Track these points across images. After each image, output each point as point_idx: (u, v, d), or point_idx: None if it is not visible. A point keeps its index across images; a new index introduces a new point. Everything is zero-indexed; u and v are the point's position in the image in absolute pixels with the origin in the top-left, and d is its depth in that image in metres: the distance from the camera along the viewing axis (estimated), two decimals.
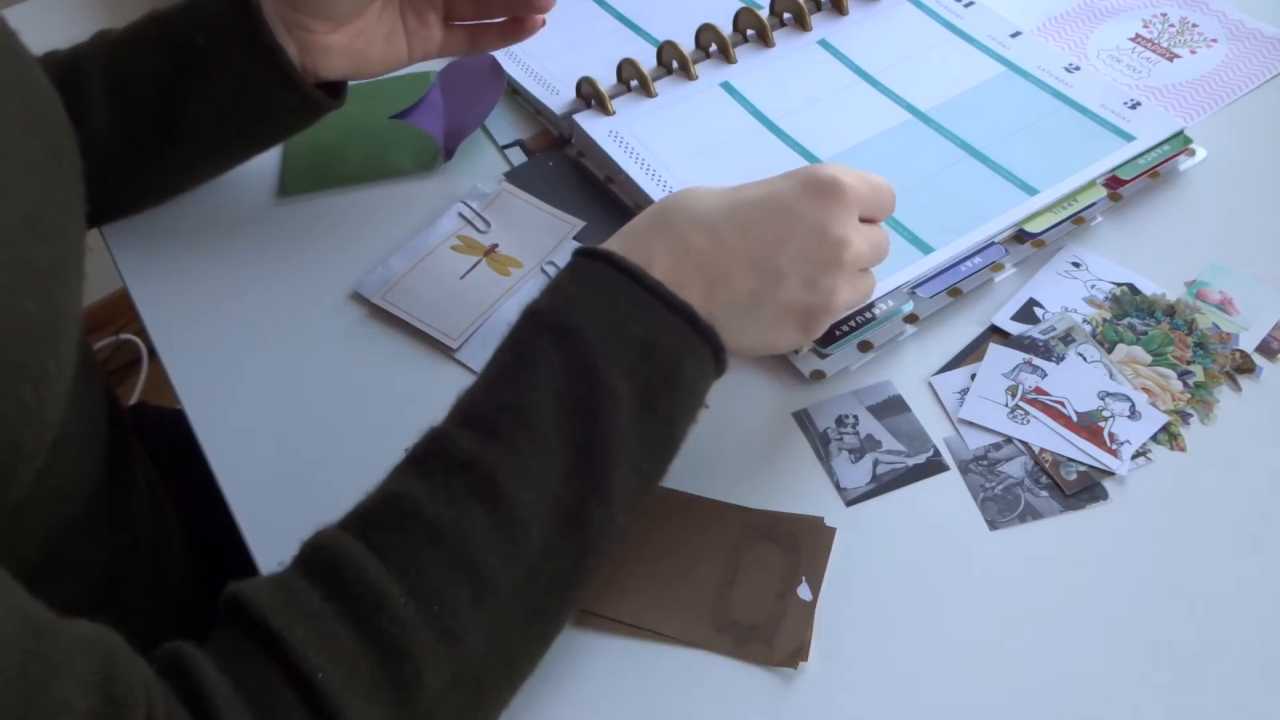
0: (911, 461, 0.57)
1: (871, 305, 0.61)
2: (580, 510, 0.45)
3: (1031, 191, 0.66)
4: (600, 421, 0.46)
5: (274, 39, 0.61)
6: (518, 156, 0.76)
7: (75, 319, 0.48)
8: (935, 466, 0.57)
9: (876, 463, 0.57)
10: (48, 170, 0.48)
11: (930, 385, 0.61)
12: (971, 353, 0.62)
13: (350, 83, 0.80)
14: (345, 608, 0.41)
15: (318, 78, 0.64)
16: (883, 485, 0.57)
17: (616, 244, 0.51)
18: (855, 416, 0.59)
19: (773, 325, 0.52)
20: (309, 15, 0.61)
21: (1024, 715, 0.49)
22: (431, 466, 0.46)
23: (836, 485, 0.57)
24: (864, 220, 0.53)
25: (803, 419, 0.60)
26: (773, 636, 0.51)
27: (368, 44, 0.64)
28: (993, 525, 0.55)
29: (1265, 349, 0.61)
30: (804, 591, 0.53)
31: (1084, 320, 0.62)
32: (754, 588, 0.53)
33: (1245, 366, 0.60)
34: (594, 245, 0.51)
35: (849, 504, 0.56)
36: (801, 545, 0.54)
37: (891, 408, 0.60)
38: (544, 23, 0.67)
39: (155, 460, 0.72)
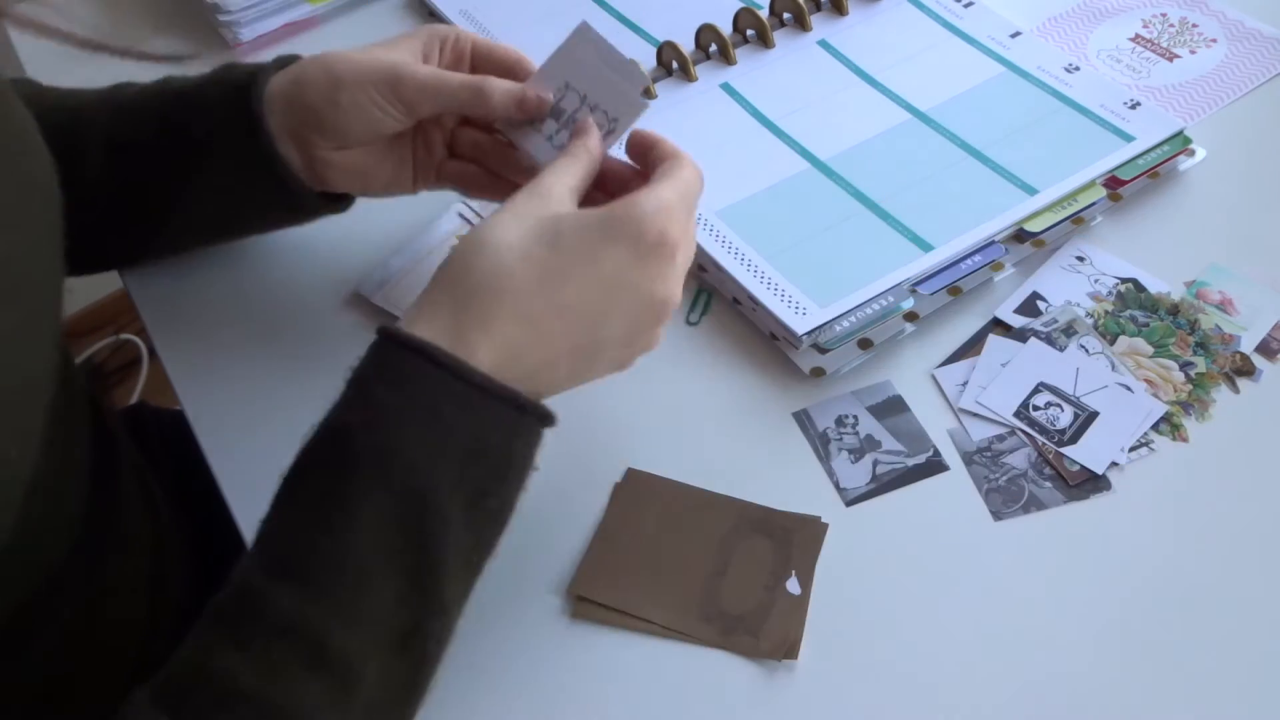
0: (911, 461, 0.57)
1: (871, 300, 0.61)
2: (415, 629, 0.44)
3: (1031, 191, 0.66)
4: (429, 543, 0.43)
5: (272, 148, 0.59)
6: None
7: (46, 375, 0.46)
8: (935, 466, 0.57)
9: (876, 463, 0.57)
10: (17, 223, 0.46)
11: (933, 377, 0.61)
12: (974, 346, 0.62)
13: None
14: None
15: (320, 188, 0.62)
16: (882, 485, 0.57)
17: (429, 329, 0.46)
18: (855, 416, 0.59)
19: (594, 376, 0.51)
20: (319, 135, 0.58)
21: (1027, 706, 0.49)
22: (247, 633, 0.42)
23: (836, 485, 0.57)
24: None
25: (803, 419, 0.60)
26: (759, 628, 0.52)
27: (375, 166, 0.61)
28: (997, 516, 0.55)
29: (1265, 349, 0.61)
30: (793, 585, 0.53)
31: (1086, 314, 0.62)
32: (743, 579, 0.53)
33: (1245, 369, 0.60)
34: (393, 328, 0.46)
35: (849, 504, 0.56)
36: (794, 540, 0.54)
37: (891, 408, 0.60)
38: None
39: (152, 461, 0.72)
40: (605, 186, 0.54)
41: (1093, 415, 0.58)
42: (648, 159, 0.53)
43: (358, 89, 0.56)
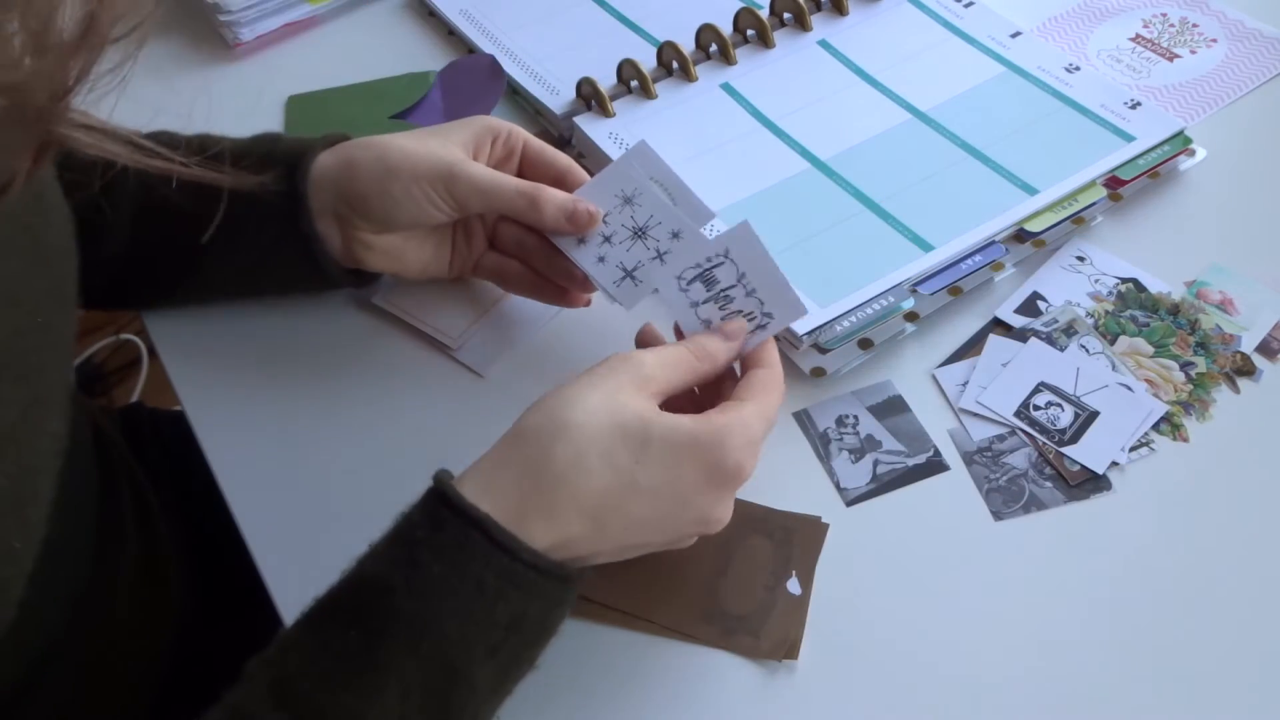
0: (911, 461, 0.57)
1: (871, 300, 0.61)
2: None
3: (1031, 191, 0.66)
4: (454, 710, 0.43)
5: (312, 228, 0.58)
6: None
7: (53, 451, 0.46)
8: (935, 466, 0.57)
9: (876, 463, 0.57)
10: (24, 298, 0.45)
11: (934, 377, 0.61)
12: (974, 346, 0.62)
13: (350, 84, 0.81)
14: None
15: (354, 265, 0.61)
16: (883, 485, 0.57)
17: (485, 498, 0.45)
18: (855, 416, 0.59)
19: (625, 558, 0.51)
20: (364, 219, 0.58)
21: (1028, 706, 0.49)
22: None
23: (836, 485, 0.57)
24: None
25: (803, 419, 0.60)
26: (759, 629, 0.52)
27: (414, 252, 0.61)
28: (997, 516, 0.55)
29: (1265, 349, 0.61)
30: (793, 586, 0.53)
31: (1087, 314, 0.62)
32: (744, 580, 0.53)
33: (1245, 369, 0.60)
34: (454, 491, 0.45)
35: (849, 504, 0.56)
36: (794, 540, 0.54)
37: (891, 408, 0.60)
38: (588, 303, 0.62)
39: (147, 463, 0.71)
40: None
41: (1093, 415, 0.58)
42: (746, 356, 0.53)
43: (412, 182, 0.56)
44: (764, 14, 0.78)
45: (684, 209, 0.56)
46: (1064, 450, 0.57)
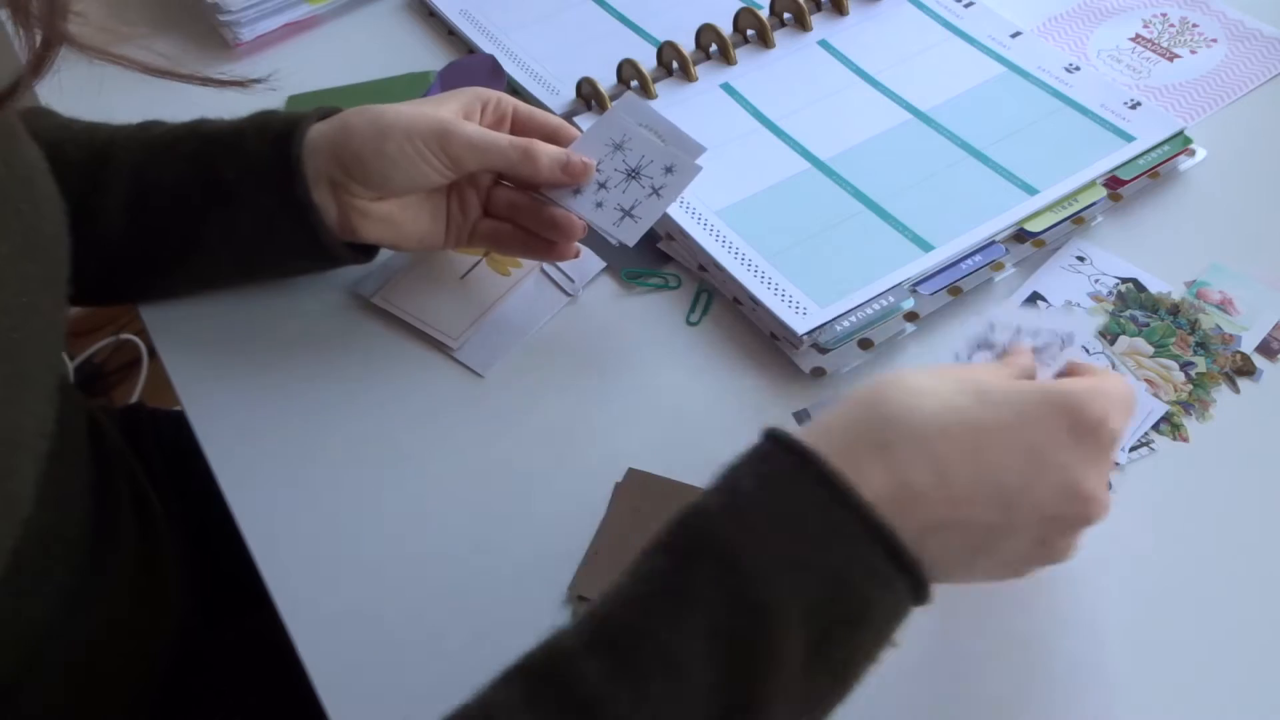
0: None
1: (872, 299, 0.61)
2: None
3: (1032, 191, 0.66)
4: (759, 674, 0.38)
5: (308, 196, 0.58)
6: None
7: (37, 430, 0.46)
8: None
9: None
10: (14, 278, 0.45)
11: None
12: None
13: (350, 84, 0.81)
14: None
15: (351, 238, 0.61)
16: None
17: (822, 443, 0.40)
18: None
19: (986, 572, 0.44)
20: (361, 184, 0.58)
21: (1029, 706, 0.49)
22: (545, 699, 0.38)
23: None
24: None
25: (803, 419, 0.60)
26: None
27: (411, 219, 0.61)
28: None
29: (1265, 349, 0.61)
30: None
31: (1088, 313, 0.63)
32: None
33: (1245, 369, 0.60)
34: (783, 431, 0.41)
35: None
36: None
37: None
38: (578, 253, 0.62)
39: (148, 463, 0.71)
40: None
41: None
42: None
43: (406, 140, 0.57)
44: (764, 14, 0.78)
45: (675, 146, 0.57)
46: None
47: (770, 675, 0.38)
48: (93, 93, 0.64)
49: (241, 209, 0.60)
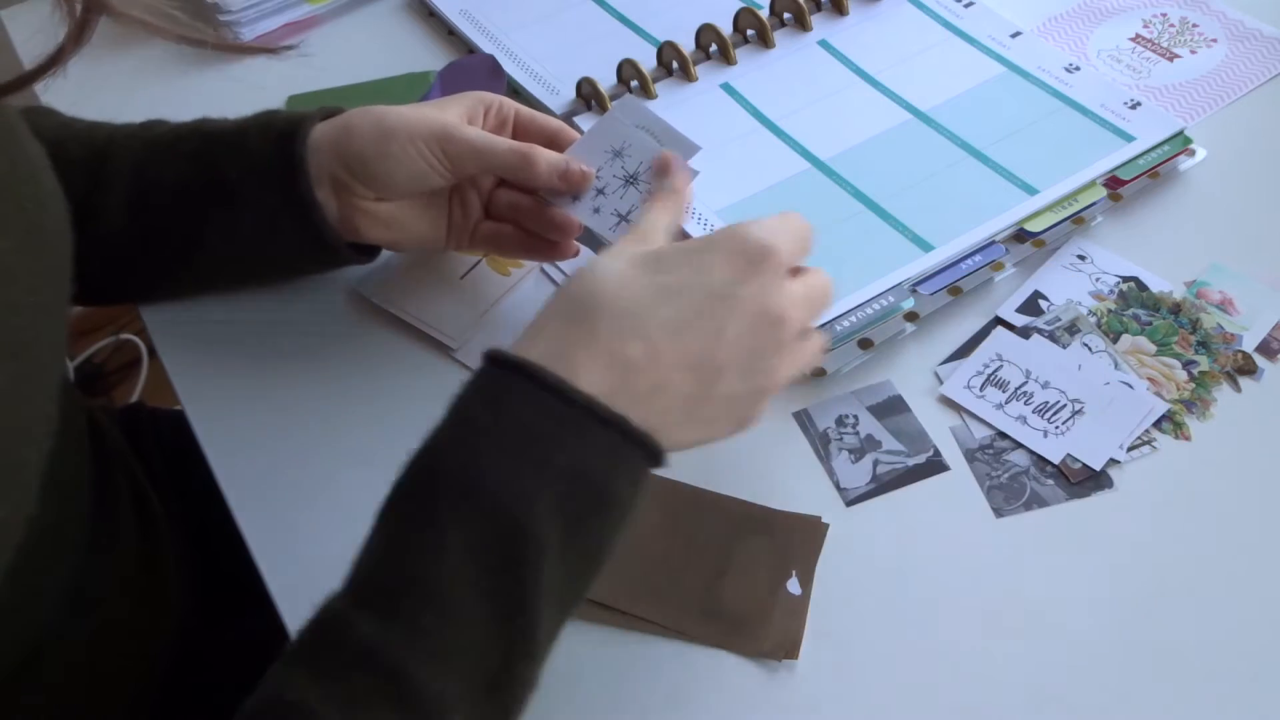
0: (911, 461, 0.57)
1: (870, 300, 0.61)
2: (504, 671, 0.41)
3: (1032, 191, 0.66)
4: (521, 574, 0.41)
5: (311, 194, 0.59)
6: None
7: (41, 430, 0.46)
8: (936, 466, 0.57)
9: (876, 463, 0.57)
10: (18, 276, 0.45)
11: (935, 376, 0.61)
12: (974, 345, 0.62)
13: (350, 84, 0.81)
14: None
15: (353, 238, 0.61)
16: (883, 485, 0.57)
17: (533, 350, 0.45)
18: (855, 416, 0.59)
19: (710, 421, 0.48)
20: (363, 184, 0.59)
21: (1029, 706, 0.49)
22: (326, 662, 0.40)
23: (836, 485, 0.57)
24: (793, 272, 0.48)
25: (803, 419, 0.60)
26: (760, 629, 0.52)
27: (412, 220, 0.61)
28: (999, 513, 0.55)
29: (1265, 349, 0.61)
30: (793, 585, 0.53)
31: (1089, 312, 0.63)
32: (744, 579, 0.53)
33: (1247, 368, 0.60)
34: (497, 350, 0.45)
35: (849, 504, 0.56)
36: (794, 540, 0.54)
37: (891, 408, 0.60)
38: (577, 252, 0.63)
39: (147, 463, 0.71)
40: None
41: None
42: None
43: (408, 141, 0.57)
44: (764, 14, 0.78)
45: (671, 147, 0.58)
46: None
47: (531, 574, 0.41)
48: (94, 93, 0.64)
49: (244, 208, 0.60)
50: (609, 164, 0.59)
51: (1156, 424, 0.58)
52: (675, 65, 0.76)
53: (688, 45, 0.76)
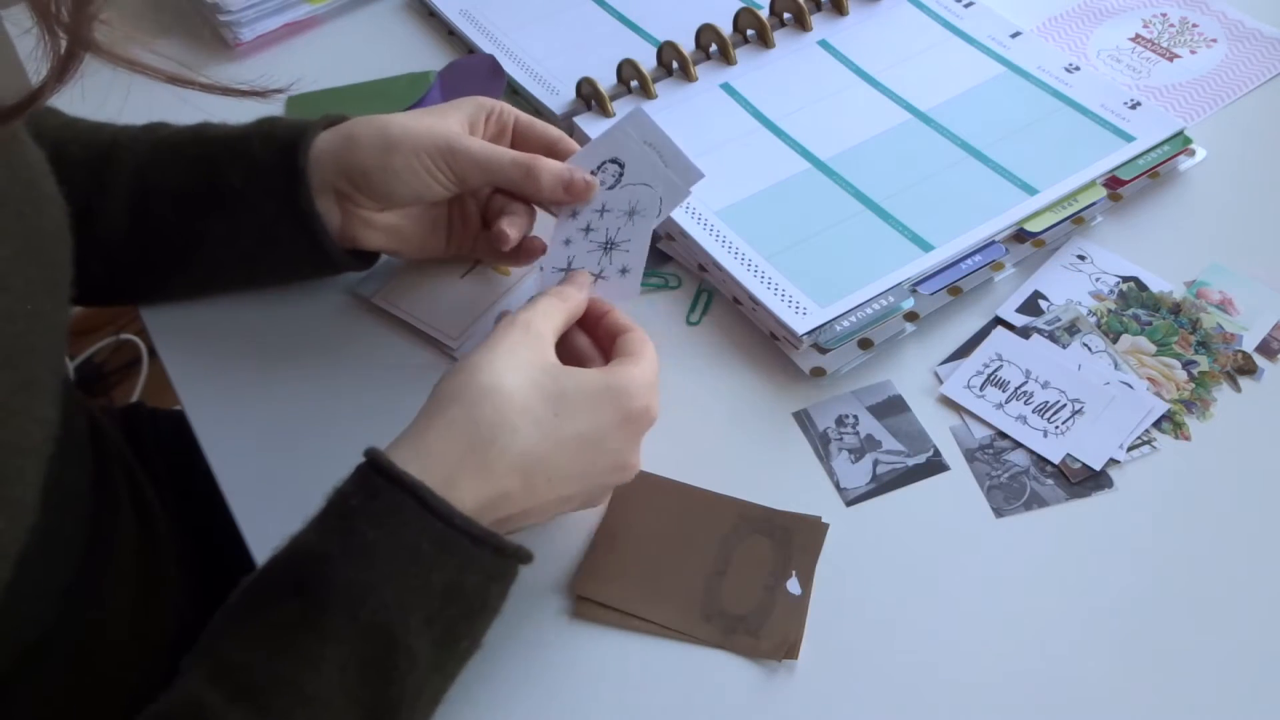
0: (911, 461, 0.57)
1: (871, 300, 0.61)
2: None
3: (1031, 191, 0.66)
4: (395, 681, 0.43)
5: (312, 205, 0.59)
6: None
7: (42, 436, 0.46)
8: (935, 466, 0.57)
9: (876, 463, 0.57)
10: (15, 284, 0.45)
11: (935, 375, 0.61)
12: (974, 345, 0.62)
13: (350, 84, 0.81)
14: None
15: (353, 245, 0.62)
16: (883, 485, 0.57)
17: (427, 467, 0.46)
18: (855, 416, 0.59)
19: (556, 516, 0.53)
20: (366, 195, 0.59)
21: (1030, 705, 0.49)
22: None
23: (836, 485, 0.57)
24: None
25: (803, 419, 0.60)
26: (759, 629, 0.52)
27: (412, 229, 0.62)
28: (999, 513, 0.55)
29: (1265, 349, 0.61)
30: (793, 585, 0.53)
31: (1089, 312, 0.63)
32: (744, 579, 0.53)
33: (1247, 368, 0.60)
34: (385, 460, 0.46)
35: (849, 504, 0.56)
36: (794, 539, 0.54)
37: (891, 408, 0.60)
38: (542, 248, 0.62)
39: (147, 463, 0.71)
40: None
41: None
42: (601, 324, 0.56)
43: (413, 155, 0.57)
44: (764, 14, 0.78)
45: (674, 171, 0.57)
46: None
47: (403, 680, 0.43)
48: (95, 92, 0.64)
49: (245, 215, 0.60)
50: (608, 172, 0.58)
51: (1156, 424, 0.58)
52: (675, 65, 0.76)
53: (688, 45, 0.76)
